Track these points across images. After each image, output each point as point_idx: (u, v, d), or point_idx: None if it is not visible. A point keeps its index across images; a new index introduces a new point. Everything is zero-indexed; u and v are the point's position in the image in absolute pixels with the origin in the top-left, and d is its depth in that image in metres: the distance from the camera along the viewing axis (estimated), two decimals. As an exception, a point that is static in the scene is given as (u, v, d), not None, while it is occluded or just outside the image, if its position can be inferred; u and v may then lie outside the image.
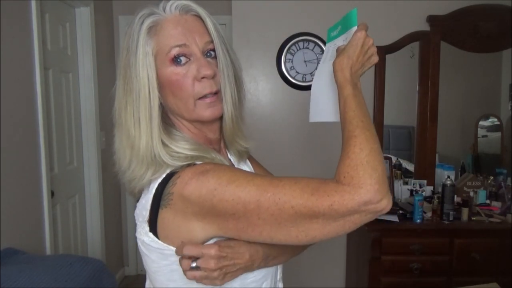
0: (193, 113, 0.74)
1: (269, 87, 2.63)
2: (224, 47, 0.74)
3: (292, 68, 2.60)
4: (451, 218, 2.14)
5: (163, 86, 0.73)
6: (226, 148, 0.86)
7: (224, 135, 0.82)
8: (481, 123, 2.68)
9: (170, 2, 0.73)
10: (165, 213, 0.68)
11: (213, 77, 0.73)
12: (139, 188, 0.74)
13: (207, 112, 0.74)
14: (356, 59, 0.71)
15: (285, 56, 2.59)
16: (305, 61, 2.59)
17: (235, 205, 0.63)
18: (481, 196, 2.38)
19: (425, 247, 2.10)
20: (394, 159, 2.62)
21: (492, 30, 2.49)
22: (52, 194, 2.25)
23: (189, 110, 0.74)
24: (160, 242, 0.70)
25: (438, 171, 2.57)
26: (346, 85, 0.70)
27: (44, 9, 2.23)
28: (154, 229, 0.70)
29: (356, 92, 0.70)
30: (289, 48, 2.58)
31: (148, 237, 0.71)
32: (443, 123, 2.57)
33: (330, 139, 2.25)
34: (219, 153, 0.80)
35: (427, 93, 2.54)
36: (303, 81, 2.60)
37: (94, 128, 2.77)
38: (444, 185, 2.16)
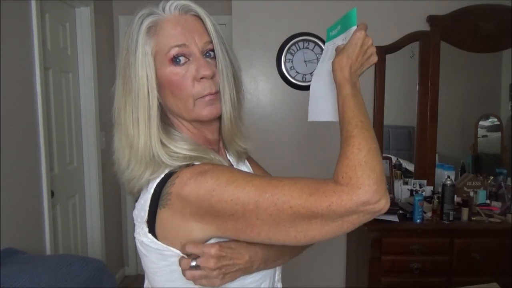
0: (192, 112, 0.74)
1: (269, 87, 2.64)
2: (223, 47, 0.74)
3: (292, 68, 2.60)
4: (451, 218, 2.14)
5: (162, 86, 0.73)
6: (225, 148, 0.86)
7: (223, 136, 0.82)
8: (481, 123, 2.68)
9: (170, 2, 0.73)
10: (164, 213, 0.68)
11: (212, 77, 0.73)
12: (138, 188, 0.74)
13: (205, 110, 0.73)
14: (355, 58, 0.71)
15: (285, 56, 2.59)
16: (305, 61, 2.59)
17: (234, 205, 0.63)
18: (481, 196, 2.38)
19: (425, 247, 2.10)
20: (394, 159, 2.62)
21: (492, 30, 2.49)
22: (52, 194, 2.25)
23: (188, 110, 0.74)
24: (159, 243, 0.70)
25: (438, 171, 2.57)
26: (345, 85, 0.70)
27: (44, 9, 2.23)
28: (152, 230, 0.70)
29: (355, 91, 0.70)
30: (289, 48, 2.58)
31: (147, 237, 0.71)
32: (443, 123, 2.57)
33: (330, 139, 2.25)
34: (218, 154, 0.79)
35: (427, 93, 2.54)
36: (303, 81, 2.60)
37: (94, 128, 2.77)
38: (444, 185, 2.16)
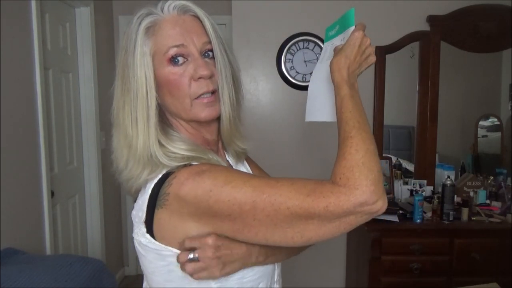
0: (190, 113, 0.74)
1: (269, 87, 2.64)
2: (222, 48, 0.74)
3: (292, 68, 2.60)
4: (451, 218, 2.14)
5: (160, 86, 0.73)
6: (224, 149, 0.86)
7: (221, 136, 0.82)
8: (481, 123, 2.68)
9: (168, 2, 0.73)
10: (161, 213, 0.68)
11: (210, 77, 0.73)
12: (136, 188, 0.74)
13: (204, 112, 0.73)
14: (353, 59, 0.71)
15: (285, 56, 2.59)
16: (305, 61, 2.59)
17: (231, 206, 0.63)
18: (481, 196, 2.38)
19: (425, 247, 2.10)
20: (394, 159, 2.62)
21: (492, 30, 2.49)
22: (52, 194, 2.25)
23: (186, 110, 0.74)
24: (157, 243, 0.70)
25: (438, 171, 2.57)
26: (343, 85, 0.70)
27: (44, 9, 2.23)
28: (150, 230, 0.70)
29: (353, 92, 0.69)
30: (289, 48, 2.58)
31: (145, 238, 0.71)
32: (443, 123, 2.57)
33: (330, 139, 2.25)
34: (216, 154, 0.79)
35: (427, 93, 2.54)
36: (303, 81, 2.60)
37: (94, 128, 2.78)
38: (444, 185, 2.16)
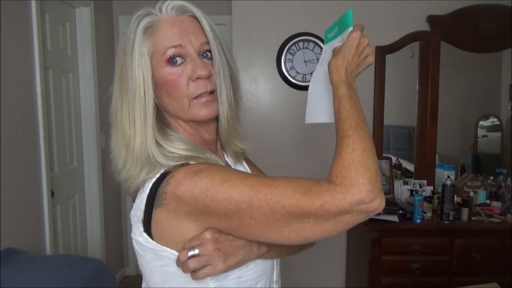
0: (188, 113, 0.74)
1: (269, 87, 2.64)
2: (220, 48, 0.74)
3: (292, 68, 2.60)
4: (451, 218, 2.14)
5: (159, 86, 0.73)
6: (223, 149, 0.86)
7: (220, 136, 0.82)
8: (481, 123, 2.68)
9: (167, 3, 0.73)
10: (159, 213, 0.68)
11: (209, 77, 0.73)
12: (134, 188, 0.74)
13: (202, 111, 0.74)
14: (351, 59, 0.71)
15: (285, 56, 2.59)
16: (305, 61, 2.59)
17: (227, 204, 0.63)
18: (481, 196, 2.38)
19: (425, 247, 2.10)
20: (394, 159, 2.62)
21: (492, 30, 2.49)
22: (52, 194, 2.25)
23: (184, 110, 0.74)
24: (154, 243, 0.70)
25: (438, 171, 2.57)
26: (341, 86, 0.70)
27: (44, 9, 2.23)
28: (148, 230, 0.70)
29: (351, 92, 0.70)
30: (289, 48, 2.58)
31: (143, 237, 0.71)
32: (443, 123, 2.57)
33: (330, 139, 2.25)
34: (215, 154, 0.80)
35: (427, 93, 2.54)
36: (303, 81, 2.60)
37: (94, 128, 2.78)
38: (444, 185, 2.16)
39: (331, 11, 2.49)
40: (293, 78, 2.60)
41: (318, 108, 0.83)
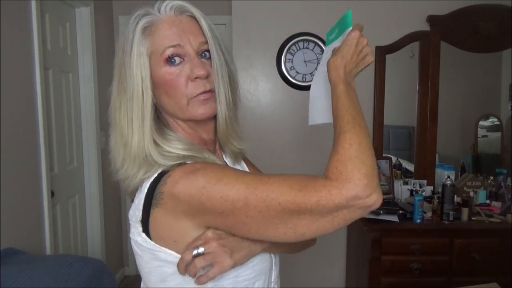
0: (186, 112, 0.74)
1: (269, 87, 2.64)
2: (218, 48, 0.74)
3: (292, 68, 2.60)
4: (451, 218, 2.14)
5: (157, 86, 0.73)
6: (222, 149, 0.86)
7: (218, 136, 0.82)
8: (481, 123, 2.68)
9: (165, 3, 0.73)
10: (157, 212, 0.68)
11: (207, 77, 0.73)
12: (132, 187, 0.74)
13: (200, 110, 0.74)
14: (350, 58, 0.72)
15: (285, 56, 2.59)
16: (305, 61, 2.59)
17: (224, 203, 0.63)
18: (481, 196, 2.38)
19: (425, 247, 2.10)
20: (394, 159, 2.61)
21: (492, 30, 2.49)
22: (52, 194, 2.26)
23: (182, 110, 0.74)
24: (153, 243, 0.70)
25: (438, 171, 2.57)
26: (339, 84, 0.70)
27: (44, 9, 2.23)
28: (146, 229, 0.70)
29: (349, 90, 0.70)
30: (289, 48, 2.58)
31: (141, 237, 0.71)
32: (443, 123, 2.57)
33: (330, 139, 2.25)
34: (213, 154, 0.80)
35: (427, 93, 2.54)
36: (303, 81, 2.60)
37: (94, 128, 2.78)
38: (444, 185, 2.16)
39: (331, 11, 2.49)
40: (293, 78, 2.60)
41: (320, 109, 0.83)
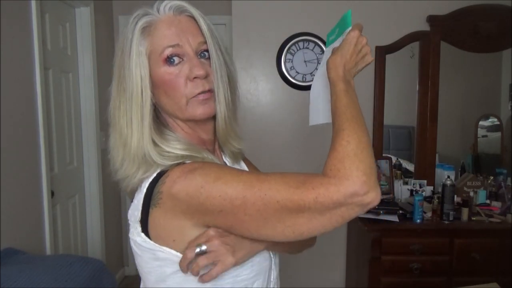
0: (186, 112, 0.74)
1: (269, 87, 2.64)
2: (217, 48, 0.74)
3: (292, 68, 2.60)
4: (451, 218, 2.14)
5: (156, 86, 0.73)
6: (221, 149, 0.86)
7: (217, 136, 0.82)
8: (481, 123, 2.68)
9: (164, 3, 0.74)
10: (156, 212, 0.68)
11: (206, 77, 0.73)
12: (131, 187, 0.74)
13: (199, 109, 0.74)
14: (349, 57, 0.72)
15: (285, 56, 2.59)
16: (305, 61, 2.59)
17: (222, 201, 0.63)
18: (481, 196, 2.38)
19: (425, 247, 2.10)
20: (394, 159, 2.61)
21: (492, 30, 2.49)
22: (52, 194, 2.26)
23: (181, 109, 0.74)
24: (152, 243, 0.70)
25: (438, 171, 2.57)
26: (338, 82, 0.70)
27: (44, 9, 2.23)
28: (145, 229, 0.70)
29: (348, 88, 0.70)
30: (289, 48, 2.58)
31: (141, 237, 0.71)
32: (443, 123, 2.57)
33: (330, 139, 2.25)
34: (213, 154, 0.80)
35: (427, 93, 2.54)
36: (303, 81, 2.60)
37: (94, 128, 2.78)
38: (444, 185, 2.16)
39: (331, 11, 2.49)
40: (293, 78, 2.60)
41: (321, 109, 0.83)
